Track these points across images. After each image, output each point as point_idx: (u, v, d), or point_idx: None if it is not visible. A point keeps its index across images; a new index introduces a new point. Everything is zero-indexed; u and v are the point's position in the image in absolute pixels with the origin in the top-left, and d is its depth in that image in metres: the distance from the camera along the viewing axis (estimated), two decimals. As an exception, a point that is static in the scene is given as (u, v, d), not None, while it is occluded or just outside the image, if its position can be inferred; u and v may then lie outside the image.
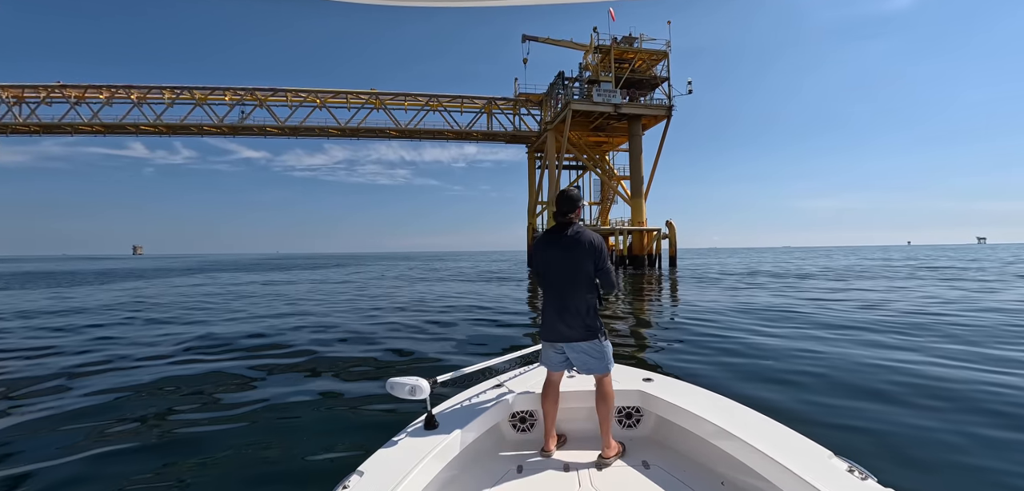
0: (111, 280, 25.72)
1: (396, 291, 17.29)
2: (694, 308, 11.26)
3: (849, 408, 4.13)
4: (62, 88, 38.86)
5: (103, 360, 6.42)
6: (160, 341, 7.78)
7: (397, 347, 7.10)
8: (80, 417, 4.20)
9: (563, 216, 2.46)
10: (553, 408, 2.43)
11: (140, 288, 19.83)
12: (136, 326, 9.52)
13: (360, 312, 11.26)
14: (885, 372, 5.21)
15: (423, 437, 2.08)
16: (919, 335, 7.29)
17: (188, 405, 4.57)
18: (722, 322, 8.97)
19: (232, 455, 3.43)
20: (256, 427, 3.97)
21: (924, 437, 3.53)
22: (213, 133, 40.48)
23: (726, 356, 6.18)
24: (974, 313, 9.52)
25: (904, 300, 11.92)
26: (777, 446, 1.85)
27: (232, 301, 14.27)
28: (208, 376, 5.58)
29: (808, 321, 8.91)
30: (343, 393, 4.93)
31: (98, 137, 42.19)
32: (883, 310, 10.18)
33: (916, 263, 34.66)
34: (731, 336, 7.51)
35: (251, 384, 5.28)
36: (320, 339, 7.78)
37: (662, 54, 33.38)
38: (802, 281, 19.18)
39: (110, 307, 12.92)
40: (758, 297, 13.47)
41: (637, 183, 33.15)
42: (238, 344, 7.48)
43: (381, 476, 1.75)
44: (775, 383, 4.94)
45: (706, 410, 2.24)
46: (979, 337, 7.07)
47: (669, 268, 31.24)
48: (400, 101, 39.70)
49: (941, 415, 3.95)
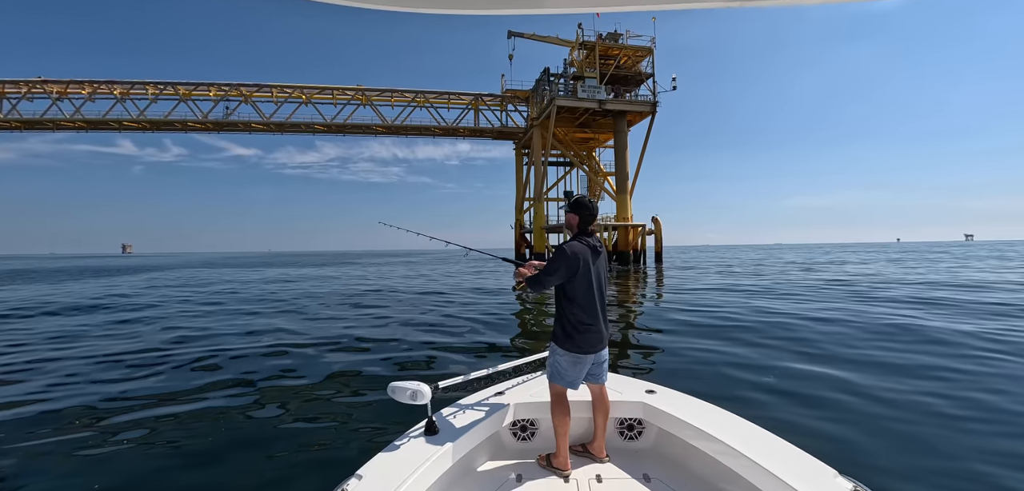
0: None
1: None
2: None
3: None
4: (43, 83, 38.29)
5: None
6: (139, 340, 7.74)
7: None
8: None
9: (589, 223, 2.46)
10: (569, 425, 2.35)
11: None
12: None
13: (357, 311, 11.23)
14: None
15: (423, 442, 2.07)
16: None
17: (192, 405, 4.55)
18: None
19: (231, 455, 3.41)
20: (256, 428, 3.93)
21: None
22: (197, 129, 40.11)
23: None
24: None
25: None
26: (781, 463, 1.82)
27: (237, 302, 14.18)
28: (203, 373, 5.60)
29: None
30: (343, 394, 4.89)
31: (85, 134, 41.61)
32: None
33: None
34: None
35: (252, 381, 5.28)
36: (320, 337, 7.83)
37: (647, 50, 33.48)
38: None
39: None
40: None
41: (622, 179, 33.27)
42: (233, 342, 7.53)
43: (380, 480, 1.75)
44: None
45: (710, 424, 2.21)
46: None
47: (655, 264, 31.44)
48: (387, 97, 39.53)
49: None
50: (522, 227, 40.28)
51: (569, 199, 2.54)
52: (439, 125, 40.30)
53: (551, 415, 2.35)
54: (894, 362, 5.47)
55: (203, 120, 38.60)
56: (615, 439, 2.60)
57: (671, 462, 2.41)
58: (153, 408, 4.36)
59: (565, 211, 2.55)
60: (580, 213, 2.43)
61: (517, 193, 42.29)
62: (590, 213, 2.44)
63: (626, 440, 2.60)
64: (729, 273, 22.02)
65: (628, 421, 2.59)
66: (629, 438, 2.60)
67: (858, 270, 22.21)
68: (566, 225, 2.51)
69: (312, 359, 6.19)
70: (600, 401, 2.44)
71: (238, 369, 5.75)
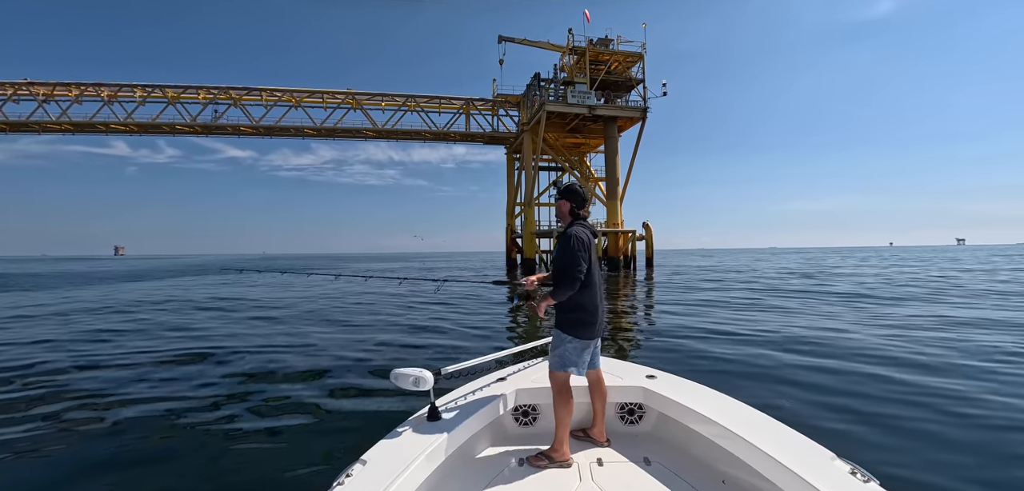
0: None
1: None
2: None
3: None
4: (29, 85, 37.87)
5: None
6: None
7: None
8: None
9: (582, 208, 2.47)
10: (572, 414, 2.36)
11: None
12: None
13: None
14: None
15: (425, 428, 2.09)
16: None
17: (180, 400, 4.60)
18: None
19: (232, 447, 3.43)
20: (257, 418, 4.00)
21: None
22: (185, 132, 39.75)
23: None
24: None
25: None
26: (779, 447, 1.85)
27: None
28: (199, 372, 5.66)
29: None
30: (345, 383, 4.99)
31: (79, 136, 41.20)
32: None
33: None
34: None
35: (252, 378, 5.36)
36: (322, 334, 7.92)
37: (637, 56, 33.54)
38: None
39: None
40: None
41: (613, 185, 33.27)
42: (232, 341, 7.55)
43: (383, 466, 1.75)
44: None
45: (709, 408, 2.24)
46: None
47: (646, 269, 31.38)
48: (377, 101, 39.36)
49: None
50: (513, 232, 40.18)
51: (559, 188, 2.49)
52: (430, 129, 40.18)
53: (554, 405, 2.32)
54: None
55: (192, 123, 38.27)
56: (615, 423, 2.62)
57: (671, 446, 2.44)
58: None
59: (555, 198, 2.53)
60: (571, 199, 2.42)
61: (508, 198, 42.21)
62: (581, 198, 2.43)
63: (626, 424, 2.65)
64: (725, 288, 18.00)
65: (628, 405, 2.63)
66: (630, 422, 2.65)
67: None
68: (557, 213, 2.49)
69: (315, 350, 6.14)
70: (598, 386, 2.44)
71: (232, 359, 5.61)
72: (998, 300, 11.91)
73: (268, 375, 5.63)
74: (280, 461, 3.23)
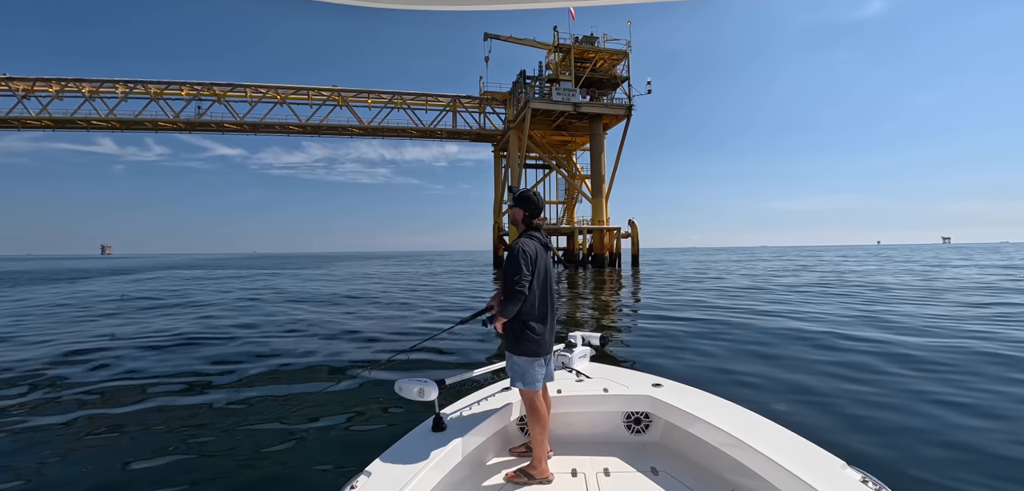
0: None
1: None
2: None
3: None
4: (8, 80, 37.22)
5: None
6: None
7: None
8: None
9: (536, 217, 2.37)
10: (546, 431, 2.26)
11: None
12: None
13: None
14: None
15: (430, 439, 2.07)
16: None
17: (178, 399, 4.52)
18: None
19: (236, 456, 3.33)
20: (261, 425, 3.88)
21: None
22: (168, 129, 39.34)
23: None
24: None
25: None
26: (789, 455, 1.81)
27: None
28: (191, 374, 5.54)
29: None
30: (349, 392, 4.88)
31: (63, 132, 40.50)
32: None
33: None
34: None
35: (254, 381, 5.26)
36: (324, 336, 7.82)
37: (622, 54, 33.71)
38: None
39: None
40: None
41: (598, 182, 33.41)
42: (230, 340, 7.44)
43: (388, 477, 1.75)
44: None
45: (717, 417, 2.20)
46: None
47: (631, 267, 31.52)
48: (363, 98, 39.19)
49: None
50: (500, 230, 40.21)
51: (512, 194, 2.43)
52: (417, 127, 40.08)
53: (529, 425, 2.27)
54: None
55: (175, 120, 37.84)
56: (622, 432, 2.61)
57: (678, 455, 2.41)
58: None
59: (508, 205, 2.49)
60: (525, 207, 2.37)
61: (496, 195, 42.19)
62: (535, 206, 2.38)
63: (633, 433, 2.61)
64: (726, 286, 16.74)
65: (635, 414, 2.61)
66: (636, 431, 2.63)
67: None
68: (511, 220, 2.46)
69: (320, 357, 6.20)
70: (539, 409, 2.39)
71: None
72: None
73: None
74: (276, 477, 3.09)
